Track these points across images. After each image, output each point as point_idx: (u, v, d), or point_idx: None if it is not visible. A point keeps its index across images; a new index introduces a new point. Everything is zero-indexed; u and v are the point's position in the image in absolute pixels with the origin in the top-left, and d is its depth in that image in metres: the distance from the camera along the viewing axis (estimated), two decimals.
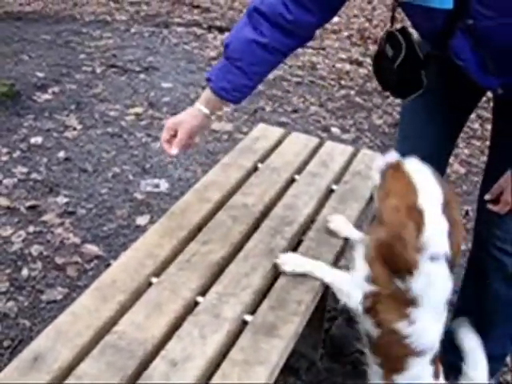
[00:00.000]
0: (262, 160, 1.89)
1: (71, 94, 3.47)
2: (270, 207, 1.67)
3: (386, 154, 1.38)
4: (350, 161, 1.95)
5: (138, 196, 2.62)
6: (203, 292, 1.34)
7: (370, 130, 3.52)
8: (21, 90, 3.38)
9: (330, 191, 1.79)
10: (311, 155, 1.96)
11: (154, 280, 1.36)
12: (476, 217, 1.68)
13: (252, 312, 1.30)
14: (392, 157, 1.35)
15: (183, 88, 3.72)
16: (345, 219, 1.61)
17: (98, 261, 2.22)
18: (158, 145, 3.04)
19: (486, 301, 1.66)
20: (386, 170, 1.33)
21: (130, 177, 2.76)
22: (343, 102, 3.87)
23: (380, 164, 1.35)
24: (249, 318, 1.28)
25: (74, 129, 3.11)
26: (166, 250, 1.44)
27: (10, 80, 3.42)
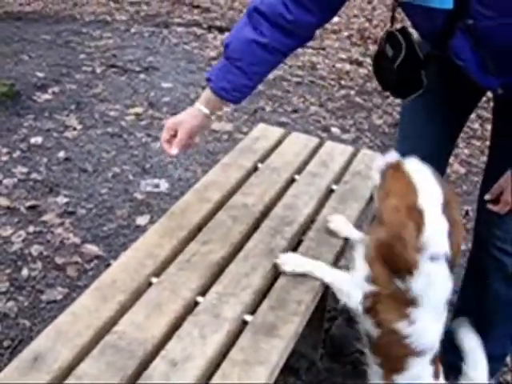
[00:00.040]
0: (262, 160, 1.89)
1: (71, 94, 3.47)
2: (270, 207, 1.67)
3: (385, 154, 1.38)
4: (349, 161, 1.95)
5: (138, 196, 2.62)
6: (203, 292, 1.34)
7: (370, 129, 3.52)
8: (21, 90, 3.38)
9: (330, 191, 1.79)
10: (311, 155, 1.96)
11: (154, 280, 1.36)
12: (476, 217, 1.68)
13: (252, 312, 1.30)
14: (392, 157, 1.35)
15: (183, 88, 3.72)
16: (345, 219, 1.61)
17: (98, 261, 2.22)
18: (157, 145, 3.03)
19: (485, 301, 1.66)
20: (386, 170, 1.32)
21: (130, 177, 2.76)
22: (343, 101, 3.87)
23: (380, 164, 1.35)
24: (249, 317, 1.28)
25: (74, 129, 3.11)
26: (166, 250, 1.44)
27: (10, 80, 3.42)
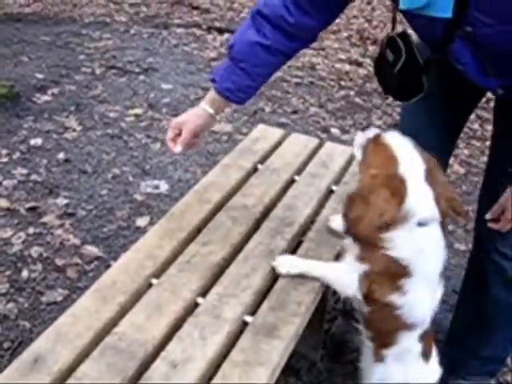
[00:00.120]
0: (262, 161, 1.89)
1: (71, 96, 3.47)
2: (269, 208, 1.66)
3: (365, 130, 1.40)
4: (349, 161, 1.95)
5: (138, 197, 2.62)
6: (203, 293, 1.34)
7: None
8: (20, 92, 3.38)
9: (330, 192, 1.79)
10: (311, 156, 1.96)
11: (154, 281, 1.36)
12: (476, 217, 1.68)
13: (252, 313, 1.30)
14: (372, 132, 1.37)
15: (183, 89, 3.72)
16: None
17: (98, 262, 2.22)
18: (157, 146, 3.04)
19: (485, 305, 1.66)
20: (367, 144, 1.35)
21: (130, 178, 2.76)
22: (343, 102, 3.87)
23: (360, 140, 1.37)
24: (249, 318, 1.27)
25: (74, 130, 3.11)
26: (166, 251, 1.44)
27: (10, 81, 3.42)
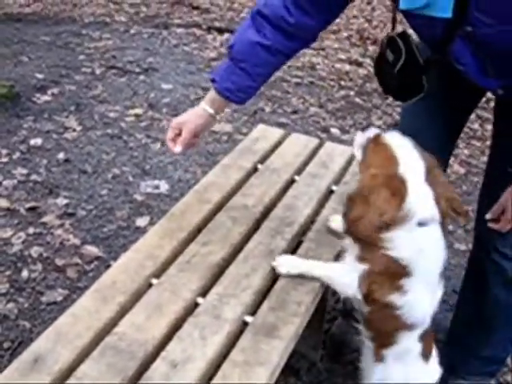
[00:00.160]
0: (262, 161, 1.89)
1: (71, 96, 3.47)
2: (269, 208, 1.66)
3: (365, 130, 1.40)
4: (349, 161, 1.95)
5: (138, 197, 2.62)
6: (203, 293, 1.34)
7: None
8: (20, 92, 3.38)
9: (330, 192, 1.79)
10: (311, 156, 1.96)
11: (154, 281, 1.36)
12: (476, 217, 1.68)
13: (252, 313, 1.30)
14: (372, 132, 1.37)
15: (183, 89, 3.72)
16: None
17: (98, 262, 2.22)
18: (157, 146, 3.04)
19: (485, 305, 1.66)
20: (367, 144, 1.34)
21: (130, 178, 2.76)
22: (343, 102, 3.87)
23: (360, 140, 1.37)
24: (249, 318, 1.27)
25: (74, 130, 3.11)
26: (166, 251, 1.44)
27: (10, 81, 3.42)
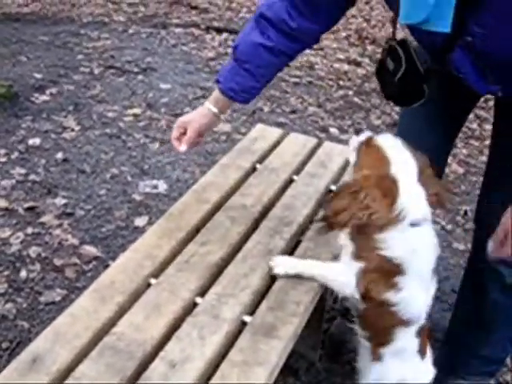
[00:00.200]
0: (261, 161, 1.89)
1: (69, 95, 3.47)
2: (268, 208, 1.66)
3: (359, 134, 1.42)
4: (348, 161, 1.94)
5: (137, 197, 2.62)
6: (202, 293, 1.34)
7: (369, 130, 3.51)
8: (19, 92, 3.38)
9: (329, 191, 1.79)
10: (309, 156, 1.96)
11: (152, 281, 1.36)
12: (475, 217, 1.68)
13: (251, 313, 1.30)
14: (364, 135, 1.39)
15: (181, 89, 3.72)
16: None
17: (97, 262, 2.21)
18: (156, 146, 3.04)
19: (484, 310, 1.65)
20: (360, 147, 1.37)
21: (129, 178, 2.76)
22: (341, 102, 3.87)
23: (354, 144, 1.40)
24: (248, 318, 1.27)
25: (72, 130, 3.10)
26: (165, 251, 1.44)
27: (8, 81, 3.42)
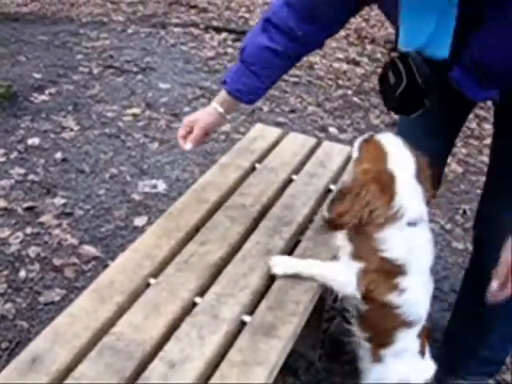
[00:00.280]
0: (260, 160, 1.89)
1: (68, 95, 3.47)
2: (267, 207, 1.66)
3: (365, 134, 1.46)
4: (347, 161, 1.95)
5: (136, 197, 2.62)
6: (201, 293, 1.34)
7: (368, 129, 3.52)
8: (18, 91, 3.37)
9: (328, 191, 1.79)
10: (309, 155, 1.96)
11: (151, 281, 1.35)
12: (476, 217, 1.67)
13: (250, 312, 1.30)
14: (368, 134, 1.43)
15: (181, 88, 3.71)
16: None
17: (96, 262, 2.21)
18: (155, 145, 3.04)
19: (484, 310, 1.65)
20: (362, 144, 1.41)
21: (128, 178, 2.76)
22: (340, 101, 3.87)
23: (358, 142, 1.43)
24: (247, 318, 1.27)
25: (71, 130, 3.10)
26: (164, 251, 1.44)
27: (7, 81, 3.41)
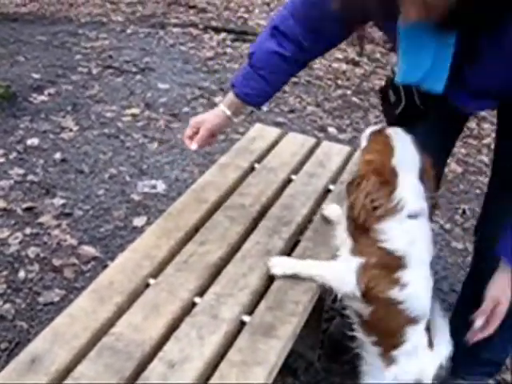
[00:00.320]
0: (259, 160, 1.89)
1: (67, 95, 3.47)
2: (267, 207, 1.66)
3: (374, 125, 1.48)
4: (346, 160, 1.95)
5: (135, 197, 2.62)
6: (201, 293, 1.34)
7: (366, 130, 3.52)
8: (17, 92, 3.37)
9: (327, 191, 1.79)
10: (308, 155, 1.96)
11: (151, 281, 1.36)
12: (479, 219, 1.66)
13: (250, 313, 1.30)
14: (379, 126, 1.45)
15: (180, 89, 3.71)
16: (339, 208, 1.60)
17: (95, 262, 2.21)
18: (154, 146, 3.04)
19: None
20: (371, 135, 1.42)
21: (127, 178, 2.76)
22: (340, 101, 3.87)
23: (368, 132, 1.45)
24: (246, 318, 1.27)
25: (71, 130, 3.10)
26: (164, 251, 1.44)
27: (6, 81, 3.41)
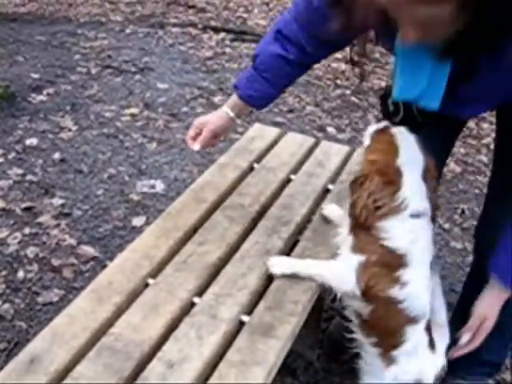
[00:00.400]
0: (258, 160, 1.89)
1: (66, 95, 3.47)
2: (266, 207, 1.66)
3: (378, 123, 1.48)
4: (345, 160, 1.95)
5: (134, 197, 2.62)
6: (200, 293, 1.34)
7: (366, 129, 3.52)
8: (16, 92, 3.37)
9: (326, 191, 1.79)
10: (307, 155, 1.96)
11: (150, 281, 1.35)
12: (479, 220, 1.66)
13: (249, 312, 1.30)
14: (383, 124, 1.44)
15: (179, 88, 3.71)
16: (338, 207, 1.61)
17: (94, 262, 2.21)
18: (153, 145, 3.04)
19: None
20: (375, 133, 1.42)
21: (126, 178, 2.76)
22: (339, 101, 3.87)
23: (371, 129, 1.45)
24: (245, 318, 1.27)
25: (70, 130, 3.10)
26: (163, 251, 1.44)
27: (5, 81, 3.41)
